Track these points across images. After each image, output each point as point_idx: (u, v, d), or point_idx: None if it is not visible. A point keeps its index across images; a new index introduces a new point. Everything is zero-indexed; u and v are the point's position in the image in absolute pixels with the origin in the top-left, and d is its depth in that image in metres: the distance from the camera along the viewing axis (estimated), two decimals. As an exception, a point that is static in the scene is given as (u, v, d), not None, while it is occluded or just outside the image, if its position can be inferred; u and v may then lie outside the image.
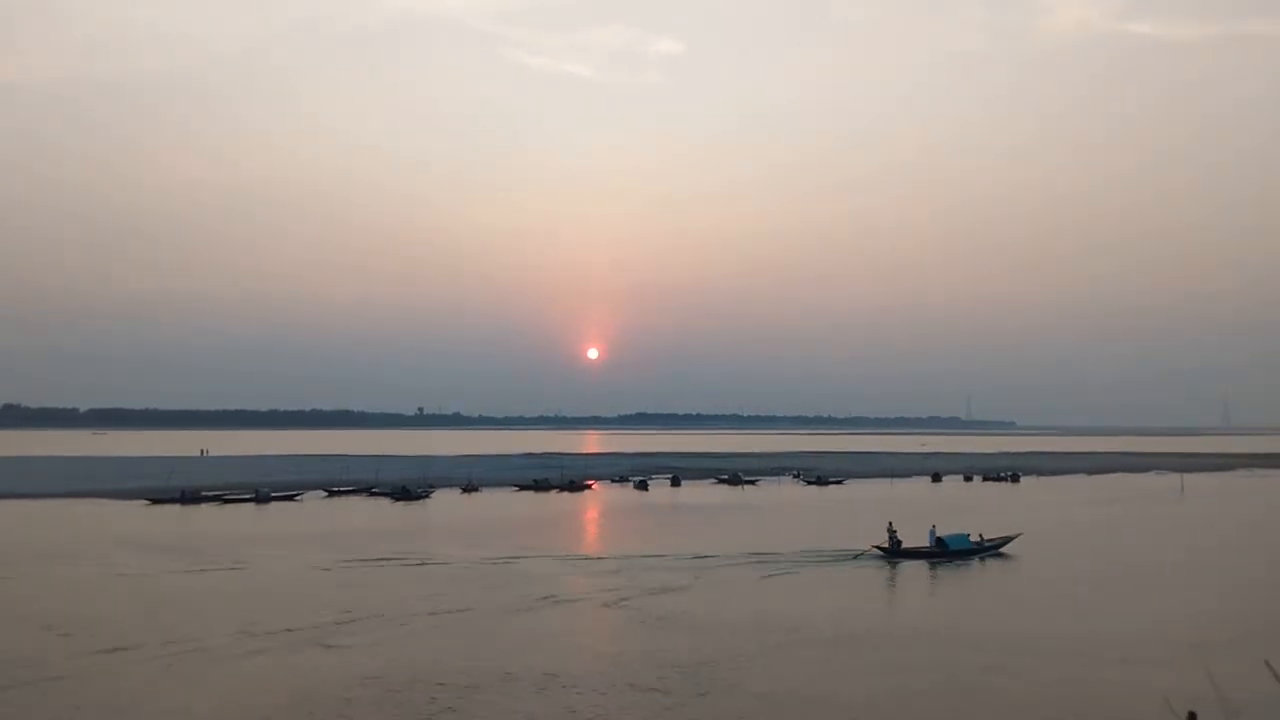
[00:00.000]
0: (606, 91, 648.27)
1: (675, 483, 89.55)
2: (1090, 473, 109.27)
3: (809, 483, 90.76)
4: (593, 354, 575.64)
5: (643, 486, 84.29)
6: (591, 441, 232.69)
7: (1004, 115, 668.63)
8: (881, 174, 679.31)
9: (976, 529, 42.70)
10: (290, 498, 69.38)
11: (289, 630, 25.23)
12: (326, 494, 73.36)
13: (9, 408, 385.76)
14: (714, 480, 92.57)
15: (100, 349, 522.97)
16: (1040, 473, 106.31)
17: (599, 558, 39.86)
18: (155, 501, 66.08)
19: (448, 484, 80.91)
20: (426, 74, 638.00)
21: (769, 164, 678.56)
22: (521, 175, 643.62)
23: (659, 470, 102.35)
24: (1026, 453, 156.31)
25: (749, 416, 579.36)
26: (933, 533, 41.10)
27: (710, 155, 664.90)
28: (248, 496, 68.09)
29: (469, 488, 79.18)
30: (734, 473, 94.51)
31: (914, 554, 39.69)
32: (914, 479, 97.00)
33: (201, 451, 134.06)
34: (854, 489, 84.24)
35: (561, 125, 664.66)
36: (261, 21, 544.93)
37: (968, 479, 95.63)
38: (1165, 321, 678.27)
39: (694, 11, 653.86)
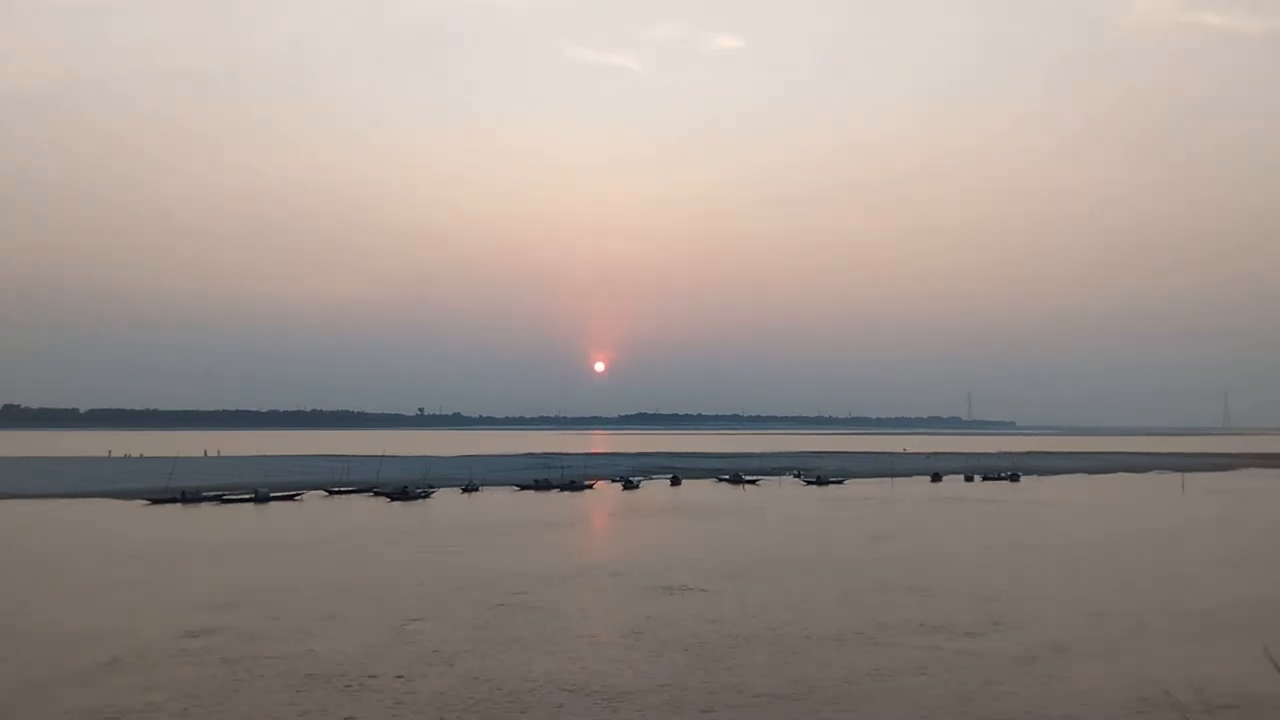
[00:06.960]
0: (649, 89, 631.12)
1: (675, 482, 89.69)
2: (1091, 472, 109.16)
3: (809, 482, 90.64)
4: (596, 359, 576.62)
5: (634, 486, 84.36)
6: (592, 442, 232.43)
7: (1033, 117, 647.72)
8: (902, 174, 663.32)
9: None
10: (290, 497, 69.33)
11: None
12: (327, 494, 73.31)
13: (9, 408, 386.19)
14: (715, 480, 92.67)
15: (100, 349, 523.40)
16: (1040, 472, 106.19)
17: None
18: (155, 501, 66.02)
19: (448, 484, 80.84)
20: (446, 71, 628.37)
21: (777, 163, 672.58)
22: (520, 171, 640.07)
23: (659, 470, 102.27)
24: (1026, 453, 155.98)
25: (749, 416, 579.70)
26: None
27: (716, 152, 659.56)
28: (247, 496, 68.05)
29: (469, 488, 79.11)
30: (735, 473, 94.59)
31: None
32: (914, 478, 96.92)
33: (205, 452, 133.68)
34: (855, 488, 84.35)
35: (568, 122, 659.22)
36: (282, 20, 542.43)
37: (968, 479, 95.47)
38: (1165, 321, 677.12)
39: (749, 7, 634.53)
